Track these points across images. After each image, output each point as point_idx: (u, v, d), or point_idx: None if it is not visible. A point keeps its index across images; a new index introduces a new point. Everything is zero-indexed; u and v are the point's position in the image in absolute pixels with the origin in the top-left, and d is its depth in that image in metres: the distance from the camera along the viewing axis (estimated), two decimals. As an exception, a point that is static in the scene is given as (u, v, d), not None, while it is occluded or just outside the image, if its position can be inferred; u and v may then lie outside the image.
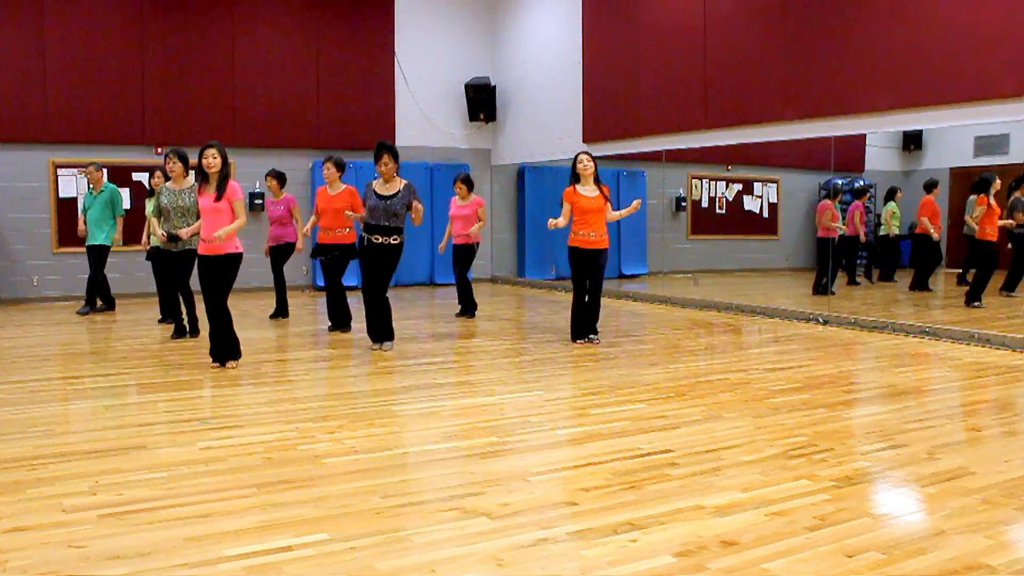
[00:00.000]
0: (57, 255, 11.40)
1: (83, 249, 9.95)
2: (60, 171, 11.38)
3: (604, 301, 8.11)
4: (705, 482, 3.79)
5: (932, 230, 11.01)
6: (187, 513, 3.37)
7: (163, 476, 3.85)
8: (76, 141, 11.38)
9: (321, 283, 12.49)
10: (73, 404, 5.51)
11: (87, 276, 9.92)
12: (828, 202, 11.34)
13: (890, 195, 12.18)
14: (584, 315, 7.70)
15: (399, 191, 7.15)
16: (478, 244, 9.65)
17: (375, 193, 7.19)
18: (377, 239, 7.14)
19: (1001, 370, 6.61)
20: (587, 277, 7.55)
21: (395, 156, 7.17)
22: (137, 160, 11.80)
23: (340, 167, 8.33)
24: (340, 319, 8.42)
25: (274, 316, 9.43)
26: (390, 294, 7.48)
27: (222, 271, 6.36)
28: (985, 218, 9.85)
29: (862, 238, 11.90)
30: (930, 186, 11.24)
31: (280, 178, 9.31)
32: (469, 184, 9.60)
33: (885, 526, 3.28)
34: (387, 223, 7.13)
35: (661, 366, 6.71)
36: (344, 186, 8.29)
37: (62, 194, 11.36)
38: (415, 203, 7.10)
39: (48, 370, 6.62)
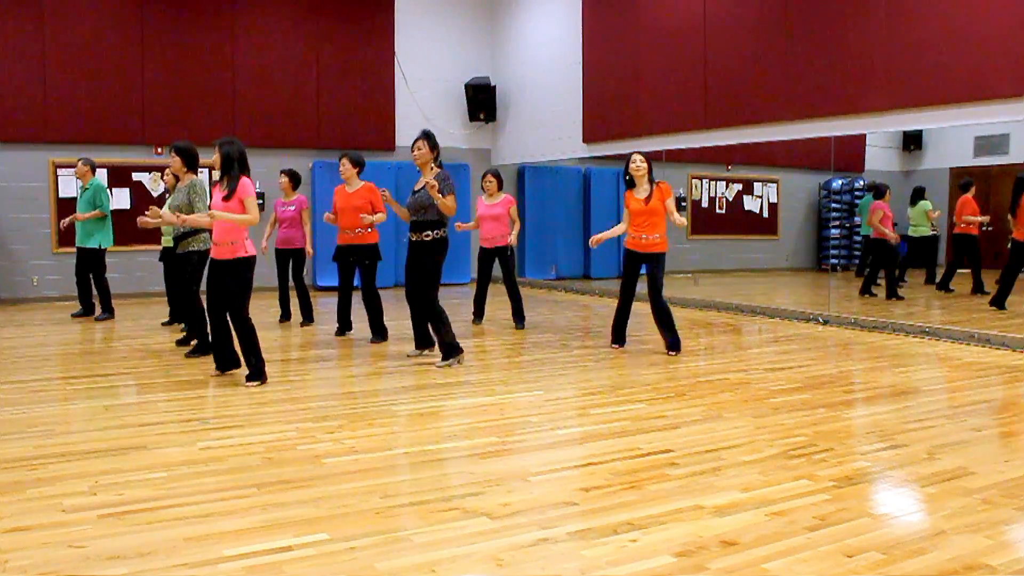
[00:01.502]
0: (57, 255, 11.38)
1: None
2: (60, 171, 11.37)
3: (606, 301, 7.99)
4: (705, 482, 3.79)
5: (981, 221, 10.90)
6: (187, 513, 3.37)
7: (163, 476, 3.85)
8: (76, 141, 11.36)
9: (320, 283, 12.52)
10: (73, 404, 5.50)
11: (93, 282, 9.78)
12: (880, 202, 10.95)
13: (918, 195, 11.74)
14: (625, 321, 7.52)
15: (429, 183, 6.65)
16: (513, 248, 8.86)
17: (413, 189, 6.80)
18: (413, 237, 6.66)
19: (1001, 370, 6.61)
20: (632, 281, 7.33)
21: (431, 142, 6.67)
22: (137, 160, 11.81)
23: (356, 163, 7.88)
24: (375, 329, 7.83)
25: (298, 321, 9.02)
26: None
27: (230, 277, 5.86)
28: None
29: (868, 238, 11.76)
30: (967, 186, 11.11)
31: (294, 177, 8.92)
32: (500, 180, 8.92)
33: (885, 526, 3.28)
34: (416, 217, 6.60)
35: (661, 366, 6.71)
36: (362, 183, 7.84)
37: (62, 194, 11.34)
38: (437, 192, 6.44)
39: (48, 370, 6.62)
